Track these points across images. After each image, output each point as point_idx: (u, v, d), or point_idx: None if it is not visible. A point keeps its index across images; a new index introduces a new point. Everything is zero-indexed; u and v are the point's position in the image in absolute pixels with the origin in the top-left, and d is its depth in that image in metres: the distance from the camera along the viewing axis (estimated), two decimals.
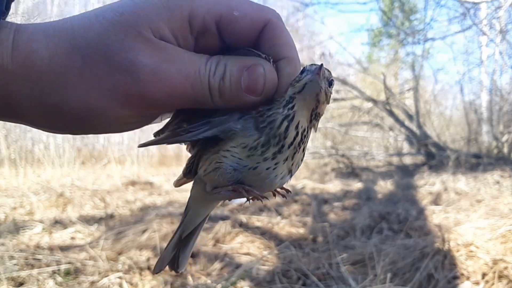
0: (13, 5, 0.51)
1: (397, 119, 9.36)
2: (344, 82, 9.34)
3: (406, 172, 8.02)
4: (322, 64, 0.55)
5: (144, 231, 3.46)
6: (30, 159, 8.61)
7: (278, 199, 4.98)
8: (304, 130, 0.58)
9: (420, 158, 9.32)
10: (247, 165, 0.57)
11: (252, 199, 0.62)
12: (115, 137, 11.31)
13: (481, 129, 9.79)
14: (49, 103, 0.49)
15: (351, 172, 8.12)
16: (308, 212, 4.43)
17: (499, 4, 7.85)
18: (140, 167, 9.45)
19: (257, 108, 0.56)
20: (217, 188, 0.61)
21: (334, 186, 6.48)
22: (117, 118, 0.52)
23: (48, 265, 2.77)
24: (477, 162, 7.96)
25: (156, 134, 0.62)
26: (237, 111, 0.57)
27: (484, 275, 2.52)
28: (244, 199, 0.62)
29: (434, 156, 8.57)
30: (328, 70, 0.57)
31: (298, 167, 0.61)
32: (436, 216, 4.03)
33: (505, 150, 8.69)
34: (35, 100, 0.49)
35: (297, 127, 0.56)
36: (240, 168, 0.57)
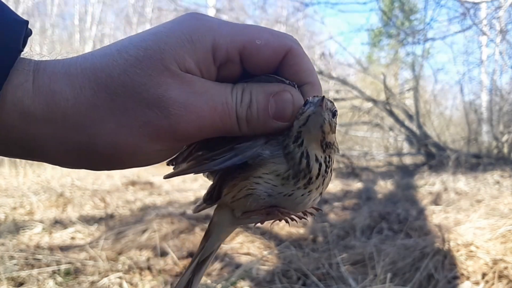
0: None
1: (397, 119, 9.36)
2: (344, 82, 9.34)
3: (406, 172, 8.02)
4: (324, 96, 0.55)
5: (144, 231, 3.46)
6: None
7: None
8: (326, 158, 0.59)
9: (420, 158, 9.32)
10: (282, 192, 0.58)
11: (280, 219, 0.63)
12: None
13: (481, 129, 9.79)
14: (76, 143, 0.49)
15: (351, 172, 8.12)
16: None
17: (499, 4, 7.85)
18: (140, 167, 9.42)
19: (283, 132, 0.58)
20: (247, 213, 0.61)
21: (334, 186, 6.48)
22: (147, 153, 0.52)
23: (48, 265, 2.77)
24: (477, 162, 7.96)
25: (170, 163, 0.63)
26: (262, 136, 0.58)
27: (484, 275, 2.52)
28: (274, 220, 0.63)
29: (434, 156, 8.56)
30: (331, 101, 0.58)
31: (327, 186, 0.63)
32: (436, 216, 4.02)
33: (505, 150, 8.68)
34: (60, 141, 0.48)
35: (317, 159, 0.57)
36: (274, 194, 0.58)
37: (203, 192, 0.63)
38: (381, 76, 9.63)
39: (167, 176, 0.62)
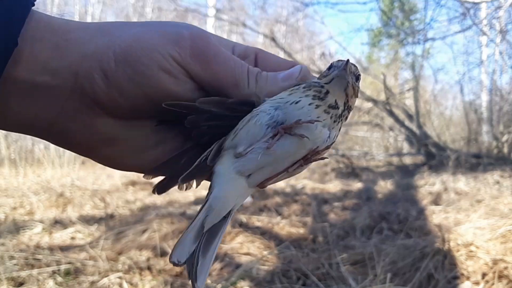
0: None
1: (397, 119, 9.36)
2: None
3: (406, 172, 8.01)
4: (348, 60, 0.56)
5: (144, 231, 3.46)
6: (30, 159, 8.62)
7: (278, 199, 4.99)
8: (343, 110, 0.58)
9: (420, 158, 9.32)
10: (289, 100, 0.55)
11: (305, 161, 0.55)
12: None
13: (481, 129, 9.79)
14: (99, 42, 0.51)
15: (351, 172, 8.12)
16: (308, 212, 4.43)
17: (499, 4, 7.85)
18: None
19: None
20: (250, 146, 0.53)
21: (334, 186, 6.48)
22: (163, 56, 0.51)
23: (48, 265, 2.77)
24: (477, 162, 7.95)
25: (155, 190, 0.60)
26: None
27: (484, 275, 2.52)
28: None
29: (434, 156, 8.56)
30: (355, 65, 0.59)
31: (336, 137, 0.58)
32: (436, 216, 4.02)
33: (505, 150, 8.68)
34: (84, 45, 0.51)
35: (336, 102, 0.57)
36: (281, 105, 0.55)
37: (204, 192, 0.57)
38: (381, 76, 9.63)
39: (183, 180, 0.57)
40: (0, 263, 2.73)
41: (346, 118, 0.60)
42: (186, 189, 0.60)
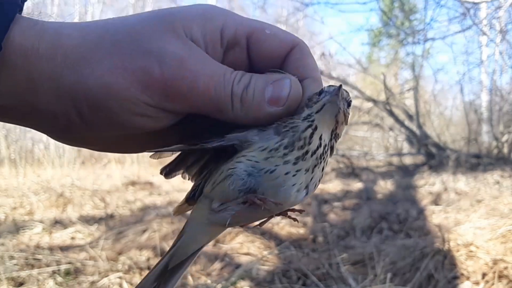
0: None
1: (397, 119, 9.36)
2: (344, 82, 9.34)
3: (406, 172, 8.02)
4: (341, 85, 0.54)
5: (144, 231, 3.46)
6: (30, 159, 8.62)
7: None
8: (326, 145, 0.56)
9: (420, 158, 9.32)
10: (264, 168, 0.53)
11: (261, 224, 0.58)
12: None
13: (481, 129, 9.79)
14: (67, 83, 0.48)
15: (351, 172, 8.12)
16: (308, 212, 4.43)
17: (499, 4, 7.85)
18: (140, 167, 9.44)
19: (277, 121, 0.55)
20: (225, 204, 0.55)
21: (334, 186, 6.48)
22: (133, 103, 0.49)
23: (48, 265, 2.77)
24: (477, 162, 7.96)
25: (153, 157, 0.61)
26: (255, 128, 0.55)
27: (484, 275, 2.52)
28: (253, 223, 0.58)
29: (434, 156, 8.56)
30: (346, 91, 0.57)
31: (316, 187, 0.57)
32: (436, 216, 4.02)
33: (505, 150, 8.68)
34: (54, 80, 0.48)
35: (320, 138, 0.54)
36: (255, 172, 0.53)
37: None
38: (381, 76, 9.63)
39: (151, 151, 0.58)
40: (0, 263, 2.73)
41: (332, 149, 0.57)
42: (188, 179, 0.64)
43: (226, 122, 0.54)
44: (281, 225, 3.83)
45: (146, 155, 0.62)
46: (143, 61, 0.49)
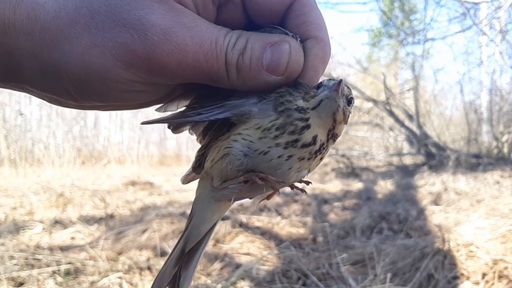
0: None
1: (397, 119, 9.36)
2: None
3: (406, 172, 8.01)
4: (341, 80, 0.50)
5: (144, 231, 3.46)
6: (30, 159, 8.61)
7: (278, 199, 4.98)
8: (323, 144, 0.52)
9: (420, 158, 9.32)
10: (258, 149, 0.50)
11: (268, 196, 0.56)
12: (115, 137, 11.32)
13: (481, 129, 9.79)
14: (49, 60, 0.45)
15: (351, 172, 8.12)
16: (308, 212, 4.43)
17: (499, 4, 7.85)
18: (140, 167, 9.44)
19: (277, 90, 0.51)
20: (225, 182, 0.54)
21: (334, 186, 6.48)
22: (118, 81, 0.46)
23: (48, 265, 2.77)
24: (477, 162, 7.96)
25: (159, 110, 0.57)
26: (255, 94, 0.51)
27: (484, 275, 2.52)
28: (251, 200, 0.56)
29: (434, 156, 8.57)
30: (348, 87, 0.52)
31: (317, 166, 0.56)
32: (436, 216, 4.02)
33: (505, 150, 8.68)
34: (36, 57, 0.45)
35: (315, 138, 0.51)
36: (250, 153, 0.51)
37: None
38: (381, 76, 9.64)
39: (146, 122, 0.55)
40: (0, 263, 2.73)
41: (326, 148, 0.53)
42: (196, 138, 0.63)
43: None
44: (281, 225, 3.83)
45: (146, 155, 0.61)
46: (123, 36, 0.44)
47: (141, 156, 10.62)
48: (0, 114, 8.49)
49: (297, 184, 0.58)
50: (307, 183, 0.59)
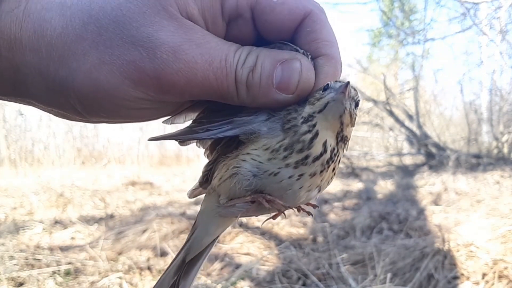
0: None
1: (397, 119, 9.36)
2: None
3: (406, 172, 8.01)
4: (348, 82, 0.49)
5: (144, 231, 3.46)
6: (30, 159, 8.62)
7: None
8: (334, 149, 0.51)
9: (420, 158, 9.32)
10: (268, 170, 0.50)
11: (274, 216, 0.55)
12: (115, 137, 11.33)
13: (481, 129, 9.79)
14: (56, 77, 0.45)
15: (351, 172, 8.11)
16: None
17: (499, 4, 7.85)
18: (140, 167, 9.44)
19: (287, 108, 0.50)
20: (232, 200, 0.53)
21: (334, 186, 6.48)
22: (127, 99, 0.46)
23: (48, 265, 2.77)
24: (477, 162, 7.96)
25: (166, 122, 0.57)
26: (265, 111, 0.50)
27: (484, 275, 2.52)
28: (264, 216, 0.55)
29: (434, 156, 8.56)
30: (355, 89, 0.51)
31: (329, 184, 0.55)
32: (436, 216, 4.02)
33: (505, 150, 8.68)
34: (42, 74, 0.45)
35: (325, 144, 0.49)
36: (260, 173, 0.50)
37: (204, 191, 0.61)
38: (381, 76, 9.64)
39: (153, 139, 0.55)
40: (0, 263, 2.73)
41: (338, 154, 0.52)
42: (204, 152, 0.63)
43: None
44: (281, 225, 3.83)
45: (146, 155, 0.61)
46: (132, 54, 0.44)
47: (141, 156, 10.62)
48: (0, 114, 8.49)
49: (303, 207, 0.57)
50: (314, 206, 0.58)
